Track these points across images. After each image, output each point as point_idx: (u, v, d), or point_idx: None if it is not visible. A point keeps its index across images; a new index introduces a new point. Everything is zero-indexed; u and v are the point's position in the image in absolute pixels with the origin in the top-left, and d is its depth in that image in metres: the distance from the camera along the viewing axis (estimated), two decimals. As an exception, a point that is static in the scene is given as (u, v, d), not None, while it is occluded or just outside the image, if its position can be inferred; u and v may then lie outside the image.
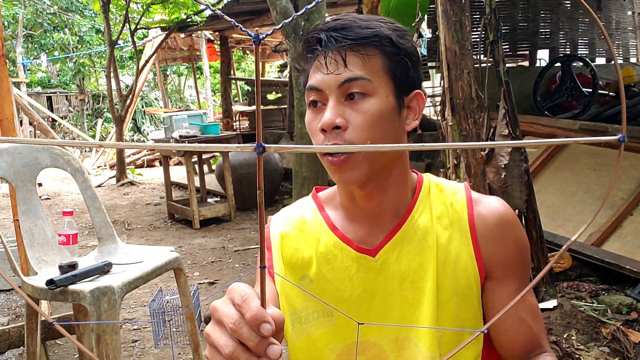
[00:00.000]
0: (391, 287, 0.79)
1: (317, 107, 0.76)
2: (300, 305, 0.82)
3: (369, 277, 0.80)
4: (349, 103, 0.73)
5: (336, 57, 0.73)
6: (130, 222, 5.47)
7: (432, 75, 8.05)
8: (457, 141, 2.07)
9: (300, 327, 0.82)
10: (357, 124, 0.72)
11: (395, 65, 0.75)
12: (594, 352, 2.15)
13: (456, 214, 0.81)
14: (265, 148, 0.32)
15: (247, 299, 0.46)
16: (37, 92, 15.27)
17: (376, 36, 0.73)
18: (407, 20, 3.60)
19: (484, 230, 0.80)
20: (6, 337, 2.25)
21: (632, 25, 6.71)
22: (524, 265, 0.81)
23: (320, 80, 0.74)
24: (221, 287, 3.46)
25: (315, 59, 0.76)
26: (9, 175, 1.89)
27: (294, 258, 0.84)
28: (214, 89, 14.41)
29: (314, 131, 0.76)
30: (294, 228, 0.87)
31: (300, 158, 3.19)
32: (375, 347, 0.80)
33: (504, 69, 2.32)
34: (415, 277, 0.78)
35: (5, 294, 3.42)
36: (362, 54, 0.73)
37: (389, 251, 0.79)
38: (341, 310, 0.80)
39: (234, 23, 0.32)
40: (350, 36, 0.72)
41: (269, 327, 0.45)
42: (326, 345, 0.82)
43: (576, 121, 4.01)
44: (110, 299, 1.63)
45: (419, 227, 0.80)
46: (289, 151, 0.32)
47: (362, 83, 0.72)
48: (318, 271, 0.82)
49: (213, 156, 7.94)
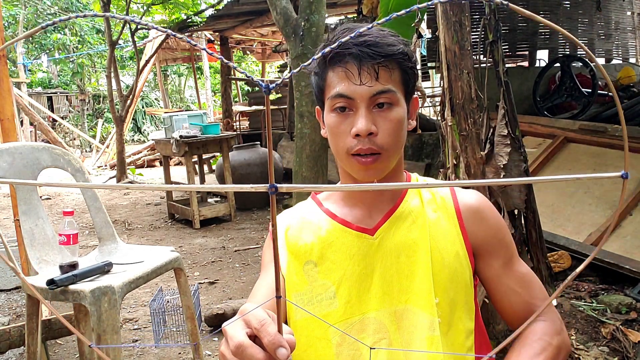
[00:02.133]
0: (389, 262, 0.87)
1: (345, 112, 0.85)
2: (304, 288, 0.89)
3: (369, 254, 0.88)
4: (378, 111, 0.84)
5: (369, 71, 0.82)
6: (131, 222, 5.47)
7: (431, 76, 8.06)
8: (457, 140, 2.08)
9: (304, 308, 0.88)
10: (387, 130, 0.83)
11: (408, 77, 0.86)
12: (594, 352, 2.15)
13: (443, 201, 0.93)
14: (277, 188, 0.32)
15: (265, 324, 0.52)
16: (38, 92, 15.28)
17: (400, 53, 0.84)
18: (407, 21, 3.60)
19: (468, 213, 0.92)
20: (7, 337, 2.26)
21: (632, 26, 6.71)
22: (506, 241, 0.93)
23: (353, 90, 0.83)
24: (221, 287, 3.46)
25: (343, 68, 0.83)
26: (9, 175, 1.90)
27: (297, 246, 0.92)
28: (214, 89, 14.42)
29: (341, 133, 0.85)
30: (296, 221, 0.96)
31: (300, 158, 3.19)
32: (375, 323, 0.85)
33: (504, 69, 2.33)
34: (410, 251, 0.87)
35: (5, 294, 3.43)
36: (390, 68, 0.83)
37: (386, 230, 0.89)
38: (339, 308, 0.86)
39: (246, 74, 0.32)
40: (382, 53, 0.82)
41: (285, 352, 0.50)
42: (329, 325, 0.86)
43: (575, 121, 4.01)
44: (111, 298, 1.63)
45: (412, 209, 0.91)
46: (300, 190, 0.32)
47: (390, 95, 0.83)
48: (321, 255, 0.90)
49: (213, 156, 7.95)
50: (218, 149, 5.23)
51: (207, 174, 7.66)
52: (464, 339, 0.86)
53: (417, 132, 4.69)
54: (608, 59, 6.59)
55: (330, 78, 0.85)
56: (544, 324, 0.85)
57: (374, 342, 0.84)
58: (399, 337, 0.84)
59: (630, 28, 6.72)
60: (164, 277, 3.36)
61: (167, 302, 2.77)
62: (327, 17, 5.93)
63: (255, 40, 10.48)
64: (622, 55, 6.73)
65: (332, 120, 0.86)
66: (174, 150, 4.89)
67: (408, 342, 0.83)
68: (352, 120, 0.83)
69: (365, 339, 0.85)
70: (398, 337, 0.84)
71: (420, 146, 4.97)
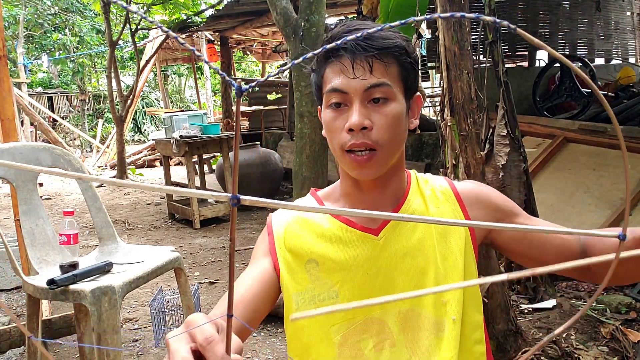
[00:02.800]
0: (394, 262, 0.85)
1: (340, 108, 0.83)
2: (306, 287, 0.87)
3: (373, 255, 0.86)
4: (373, 106, 0.81)
5: (363, 64, 0.80)
6: (131, 222, 5.47)
7: (431, 76, 8.05)
8: (457, 140, 2.08)
9: (305, 308, 0.86)
10: (381, 125, 0.81)
11: (407, 73, 0.84)
12: (593, 352, 2.16)
13: (443, 193, 0.92)
14: (240, 200, 0.29)
15: (212, 342, 0.47)
16: (38, 92, 15.29)
17: (396, 47, 0.82)
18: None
19: (468, 199, 0.92)
20: (7, 337, 2.26)
21: (631, 26, 6.71)
22: (516, 209, 0.94)
23: (346, 83, 0.81)
24: (221, 286, 3.46)
25: (338, 62, 0.82)
26: (10, 175, 1.90)
27: (298, 244, 0.89)
28: (214, 89, 14.42)
29: (336, 129, 0.83)
30: (297, 219, 0.93)
31: (300, 158, 3.20)
32: (379, 323, 0.84)
33: (503, 69, 2.33)
34: (415, 251, 0.86)
35: (6, 294, 3.43)
36: (385, 62, 0.81)
37: (390, 230, 0.87)
38: (337, 308, 0.82)
39: (219, 71, 0.30)
40: (376, 45, 0.80)
41: None
42: (331, 325, 0.85)
43: (575, 121, 4.01)
44: (111, 298, 1.63)
45: (415, 209, 0.89)
46: (263, 205, 0.29)
47: (385, 89, 0.81)
48: (323, 253, 0.87)
49: (213, 156, 7.95)
50: (218, 149, 5.23)
51: (207, 174, 7.66)
52: (471, 332, 0.86)
53: (417, 132, 4.70)
54: (608, 59, 6.59)
55: (327, 74, 0.84)
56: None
57: (377, 342, 0.83)
58: (403, 338, 0.83)
59: (630, 28, 6.72)
60: (164, 277, 3.36)
61: (167, 302, 2.77)
62: (327, 17, 5.93)
63: (255, 41, 10.49)
64: (621, 56, 6.72)
65: (328, 116, 0.85)
66: (174, 150, 4.90)
67: (412, 342, 0.82)
68: (346, 116, 0.82)
69: (368, 339, 0.84)
70: (402, 338, 0.83)
71: (420, 146, 4.97)
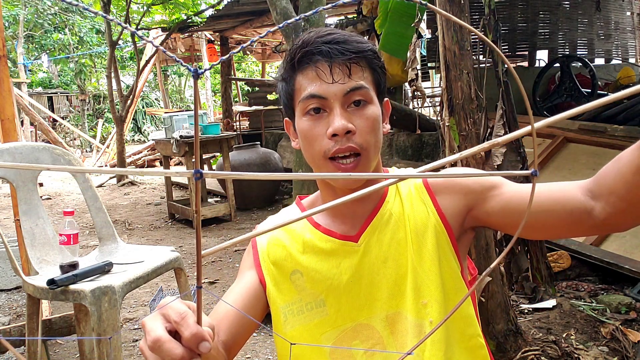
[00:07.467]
0: (376, 267, 0.85)
1: (319, 114, 0.81)
2: (293, 298, 0.86)
3: (354, 262, 0.85)
4: (353, 110, 0.80)
5: (342, 68, 0.79)
6: (131, 222, 5.48)
7: (431, 76, 8.06)
8: (456, 140, 2.08)
9: (294, 319, 0.86)
10: (364, 128, 0.80)
11: (379, 77, 0.84)
12: (593, 352, 2.16)
13: (417, 189, 0.89)
14: (202, 174, 0.32)
15: (185, 316, 0.49)
16: (38, 92, 15.30)
17: (370, 50, 0.82)
18: (406, 21, 3.60)
19: (437, 188, 0.88)
20: (7, 337, 2.26)
21: (631, 26, 6.71)
22: (493, 182, 0.85)
23: (325, 89, 0.79)
24: (221, 286, 3.47)
25: (313, 68, 0.80)
26: (9, 175, 1.90)
27: (281, 257, 0.89)
28: (214, 89, 14.43)
29: (316, 136, 0.80)
30: (279, 230, 0.92)
31: (300, 159, 3.20)
32: (368, 329, 0.84)
33: (503, 69, 2.33)
34: (396, 254, 0.85)
35: (6, 294, 3.43)
36: (361, 66, 0.81)
37: (369, 235, 0.86)
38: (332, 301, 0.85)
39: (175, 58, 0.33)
40: (352, 49, 0.79)
41: (207, 345, 0.48)
42: (322, 333, 0.85)
43: (575, 121, 4.01)
44: (111, 298, 1.64)
45: (393, 212, 0.87)
46: (223, 177, 0.33)
47: (364, 92, 0.80)
48: (307, 264, 0.87)
49: (213, 156, 7.95)
50: (218, 149, 5.23)
51: (207, 174, 7.65)
52: (465, 327, 0.84)
53: (417, 132, 4.70)
54: (608, 59, 6.59)
55: (300, 82, 0.81)
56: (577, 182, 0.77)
57: (367, 348, 0.83)
58: (393, 342, 0.82)
59: (630, 28, 6.72)
60: (164, 277, 3.36)
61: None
62: (327, 17, 5.93)
63: (255, 41, 10.48)
64: (621, 56, 6.73)
65: (305, 125, 0.82)
66: (174, 150, 4.90)
67: (402, 346, 0.81)
68: (327, 122, 0.79)
69: (359, 345, 0.83)
70: (392, 341, 0.82)
71: (420, 146, 4.97)
